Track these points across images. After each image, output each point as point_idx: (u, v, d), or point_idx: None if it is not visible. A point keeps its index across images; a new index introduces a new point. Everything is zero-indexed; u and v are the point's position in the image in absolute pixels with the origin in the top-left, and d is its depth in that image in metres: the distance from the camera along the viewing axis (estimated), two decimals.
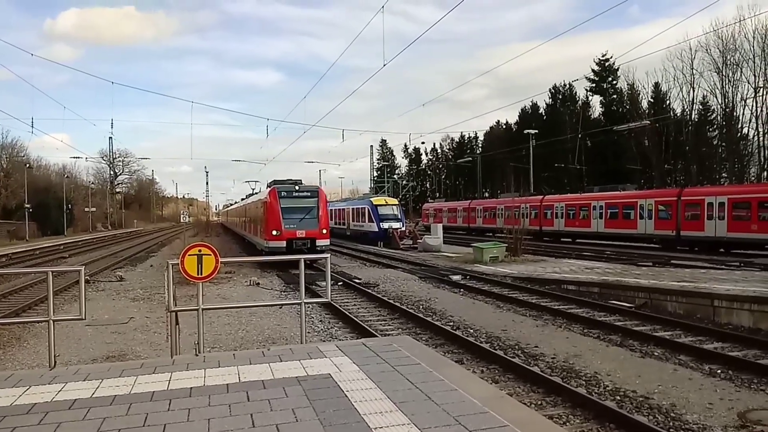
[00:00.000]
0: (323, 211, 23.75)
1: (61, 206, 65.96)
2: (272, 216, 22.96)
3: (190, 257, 6.51)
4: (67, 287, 17.94)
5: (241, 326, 12.21)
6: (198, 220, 70.10)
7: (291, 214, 22.94)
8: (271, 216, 23.01)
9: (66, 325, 11.77)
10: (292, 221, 22.75)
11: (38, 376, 5.52)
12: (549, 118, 72.16)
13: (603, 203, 36.74)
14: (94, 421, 4.21)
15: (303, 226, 22.75)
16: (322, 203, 23.96)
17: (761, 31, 48.15)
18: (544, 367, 8.93)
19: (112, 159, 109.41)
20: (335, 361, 5.79)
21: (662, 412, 6.91)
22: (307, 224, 22.90)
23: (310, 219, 23.14)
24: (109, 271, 24.05)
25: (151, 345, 10.64)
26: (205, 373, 5.45)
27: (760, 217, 26.64)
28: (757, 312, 11.75)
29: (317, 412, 4.29)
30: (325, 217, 23.91)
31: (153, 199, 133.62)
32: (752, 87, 49.83)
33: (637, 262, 23.96)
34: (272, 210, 23.07)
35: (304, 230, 22.70)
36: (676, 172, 58.98)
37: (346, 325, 12.24)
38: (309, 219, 23.10)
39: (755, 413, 6.85)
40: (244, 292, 17.41)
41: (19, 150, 70.89)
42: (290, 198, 23.39)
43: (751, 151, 52.22)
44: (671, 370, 8.74)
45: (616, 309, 13.52)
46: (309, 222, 23.02)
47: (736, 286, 13.78)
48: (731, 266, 21.41)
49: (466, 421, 4.03)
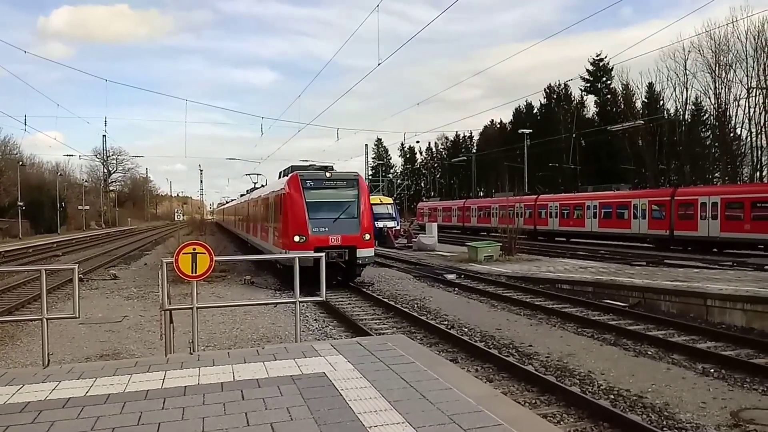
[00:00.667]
0: (365, 207, 17.62)
1: (54, 204, 65.69)
2: (294, 214, 16.82)
3: (184, 256, 6.48)
4: (60, 285, 17.85)
5: (235, 325, 12.19)
6: (192, 219, 69.91)
7: (321, 211, 16.90)
8: (293, 214, 16.86)
9: (59, 324, 11.71)
10: (323, 222, 16.64)
11: (32, 375, 5.50)
12: (543, 118, 72.29)
13: (597, 203, 36.86)
14: (88, 419, 4.20)
15: (338, 229, 16.63)
16: (364, 196, 17.72)
17: (754, 32, 48.44)
18: (539, 366, 8.95)
19: (106, 157, 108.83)
20: (330, 360, 5.79)
21: (656, 411, 6.94)
22: (344, 226, 16.76)
23: (348, 219, 16.96)
24: (103, 270, 23.94)
25: (145, 343, 10.61)
26: (199, 371, 5.44)
27: (753, 217, 26.76)
28: (750, 311, 11.82)
29: (312, 411, 4.28)
30: (369, 217, 17.72)
31: (147, 197, 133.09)
32: (745, 88, 50.11)
33: (631, 261, 24.04)
34: (294, 205, 16.90)
35: (338, 235, 16.56)
36: (670, 172, 59.20)
37: (340, 324, 12.24)
38: (346, 219, 16.93)
39: (748, 412, 6.89)
40: (239, 290, 17.38)
41: (12, 147, 70.66)
42: (319, 189, 17.31)
43: (744, 152, 52.51)
44: (665, 369, 8.78)
45: (609, 308, 13.56)
46: (346, 223, 16.87)
47: (729, 285, 13.85)
48: (724, 266, 21.51)
49: (461, 420, 4.04)
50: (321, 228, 16.49)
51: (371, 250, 17.37)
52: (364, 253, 16.93)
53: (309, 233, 16.32)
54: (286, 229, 17.09)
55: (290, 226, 16.86)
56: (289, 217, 17.08)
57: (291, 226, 16.80)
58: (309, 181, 17.24)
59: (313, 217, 16.62)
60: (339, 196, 17.42)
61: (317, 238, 16.28)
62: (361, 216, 17.19)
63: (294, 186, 17.14)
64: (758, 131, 50.32)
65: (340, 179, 17.80)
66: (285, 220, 17.42)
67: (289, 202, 17.12)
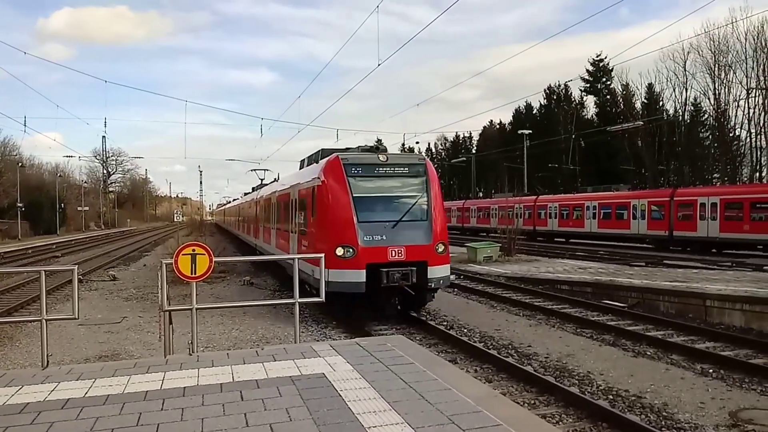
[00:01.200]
0: (438, 205, 12.62)
1: (53, 205, 65.68)
2: (335, 216, 12.00)
3: (184, 257, 6.49)
4: (59, 287, 17.84)
5: (234, 326, 12.19)
6: (192, 220, 69.87)
7: (375, 211, 12.11)
8: (333, 216, 12.05)
9: (59, 325, 11.72)
10: (378, 227, 11.79)
11: (31, 376, 5.50)
12: (543, 119, 72.30)
13: (596, 203, 36.89)
14: (86, 420, 4.20)
15: (400, 238, 11.78)
16: (435, 188, 12.70)
17: (753, 33, 48.46)
18: (538, 366, 8.96)
19: (106, 158, 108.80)
20: (329, 361, 5.79)
21: (654, 412, 6.94)
22: (409, 233, 11.93)
23: (415, 223, 12.13)
24: (102, 271, 23.94)
25: (144, 344, 10.62)
26: (198, 372, 5.44)
27: (752, 218, 26.80)
28: (749, 312, 11.83)
29: (311, 412, 4.29)
30: (443, 219, 12.74)
31: (146, 198, 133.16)
32: (744, 88, 50.12)
33: (630, 262, 24.05)
34: (335, 203, 12.06)
35: (401, 246, 11.68)
36: (669, 173, 59.22)
37: (339, 325, 12.24)
38: (412, 223, 12.09)
39: (747, 412, 6.90)
40: (238, 291, 17.38)
41: (12, 149, 70.63)
42: (371, 178, 12.39)
43: (743, 152, 52.52)
44: (663, 370, 8.79)
45: (608, 309, 13.57)
46: (412, 229, 12.02)
47: (727, 286, 13.86)
48: (723, 266, 21.52)
49: (460, 421, 4.05)
50: (376, 236, 11.61)
51: (446, 268, 12.43)
52: (438, 272, 11.96)
53: (359, 243, 11.43)
54: (324, 237, 12.04)
55: (329, 232, 11.93)
56: (327, 219, 12.15)
57: (331, 233, 11.85)
58: (356, 167, 12.22)
59: (365, 219, 11.75)
60: (400, 188, 12.64)
61: (371, 250, 11.46)
62: (434, 218, 12.27)
63: (334, 174, 12.16)
64: (757, 132, 50.35)
65: (400, 164, 12.72)
66: (320, 225, 12.44)
67: (326, 197, 12.22)
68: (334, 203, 12.04)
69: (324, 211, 12.32)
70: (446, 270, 12.47)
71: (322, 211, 12.40)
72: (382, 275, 11.27)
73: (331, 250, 11.25)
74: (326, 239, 11.89)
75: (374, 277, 11.31)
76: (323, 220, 12.36)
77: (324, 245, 11.34)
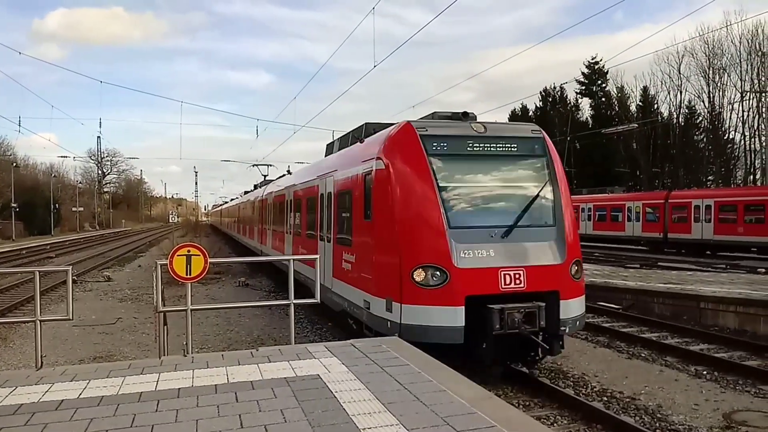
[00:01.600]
0: (565, 200, 8.49)
1: (48, 206, 65.37)
2: (409, 216, 7.87)
3: (179, 257, 6.47)
4: (54, 287, 17.78)
5: (229, 327, 12.17)
6: (187, 221, 69.64)
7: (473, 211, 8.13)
8: (406, 215, 7.88)
9: (53, 326, 11.67)
10: (481, 236, 7.72)
11: (25, 377, 5.47)
12: (538, 121, 72.32)
13: (591, 205, 37.03)
14: (81, 421, 4.19)
15: (516, 254, 7.70)
16: (559, 174, 8.62)
17: (747, 36, 48.74)
18: (532, 368, 8.96)
19: (100, 158, 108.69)
20: (324, 362, 5.79)
21: (649, 413, 6.97)
22: (530, 247, 7.88)
23: (538, 230, 8.07)
24: (97, 272, 23.87)
25: (138, 345, 10.59)
26: (193, 373, 5.43)
27: (746, 220, 26.94)
28: (743, 314, 11.88)
29: (306, 413, 4.29)
30: (573, 223, 8.56)
31: (141, 199, 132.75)
32: (738, 91, 50.41)
33: (625, 263, 24.11)
34: (408, 194, 7.94)
35: (519, 265, 7.59)
36: (664, 175, 59.43)
37: (335, 326, 12.22)
38: (533, 230, 8.03)
39: (740, 414, 6.94)
40: (234, 292, 17.35)
41: (6, 149, 70.50)
42: (464, 158, 8.31)
43: (738, 155, 52.84)
44: (658, 372, 8.82)
45: (603, 310, 13.61)
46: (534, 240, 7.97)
47: (722, 288, 13.91)
48: (717, 268, 21.61)
49: (454, 422, 4.05)
50: (479, 251, 7.59)
51: (582, 302, 8.23)
52: (574, 308, 7.92)
53: (453, 262, 7.43)
54: (390, 251, 7.93)
55: (400, 244, 7.77)
56: (395, 223, 7.93)
57: (403, 246, 7.73)
58: (440, 142, 8.19)
59: (460, 223, 7.79)
60: (510, 175, 8.64)
61: (472, 273, 7.44)
62: (565, 223, 8.28)
63: (407, 151, 8.17)
64: (752, 135, 50.69)
65: (507, 137, 8.56)
66: (382, 231, 8.23)
67: (392, 189, 8.02)
68: (408, 197, 7.90)
69: (389, 211, 8.00)
70: (582, 305, 8.20)
71: (385, 211, 8.11)
72: (492, 316, 7.23)
73: (406, 273, 7.47)
74: (394, 254, 7.78)
75: (478, 317, 7.35)
76: (388, 224, 8.02)
77: (390, 264, 7.79)
